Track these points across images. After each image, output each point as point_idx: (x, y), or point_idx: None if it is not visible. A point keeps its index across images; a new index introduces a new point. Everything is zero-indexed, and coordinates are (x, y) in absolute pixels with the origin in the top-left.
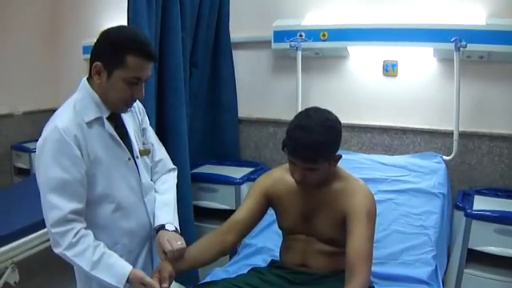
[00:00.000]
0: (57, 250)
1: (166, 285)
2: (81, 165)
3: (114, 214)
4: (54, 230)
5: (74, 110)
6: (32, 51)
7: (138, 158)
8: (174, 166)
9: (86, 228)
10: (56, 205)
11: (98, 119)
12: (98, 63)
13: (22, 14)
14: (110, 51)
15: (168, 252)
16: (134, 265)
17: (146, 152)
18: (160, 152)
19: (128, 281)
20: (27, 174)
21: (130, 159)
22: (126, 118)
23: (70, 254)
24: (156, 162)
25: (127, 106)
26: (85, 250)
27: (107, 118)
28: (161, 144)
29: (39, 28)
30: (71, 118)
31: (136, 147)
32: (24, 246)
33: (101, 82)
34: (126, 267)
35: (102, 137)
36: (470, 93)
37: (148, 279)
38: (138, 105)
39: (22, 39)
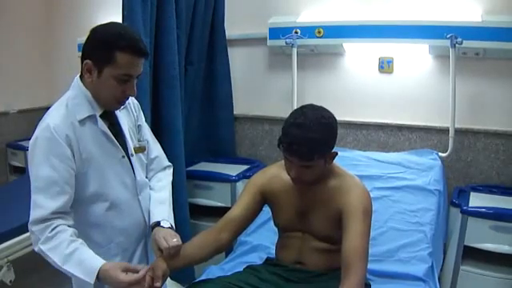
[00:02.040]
0: (36, 248)
1: (158, 284)
2: (70, 164)
3: (107, 213)
4: (33, 228)
5: (67, 108)
6: (27, 49)
7: (132, 155)
8: (170, 164)
9: (69, 226)
10: (40, 204)
11: (91, 117)
12: (88, 61)
13: (17, 11)
14: (98, 49)
15: (164, 249)
16: (129, 262)
17: (141, 149)
18: (155, 149)
19: (98, 277)
20: (23, 172)
21: (124, 157)
22: (121, 115)
23: (45, 248)
24: (151, 159)
25: (119, 103)
26: (59, 244)
27: (101, 116)
28: (156, 141)
29: (34, 26)
30: (63, 117)
31: (131, 145)
32: (19, 244)
33: (92, 80)
34: (96, 262)
35: (95, 135)
36: (466, 89)
37: (120, 276)
38: (133, 101)
39: (17, 37)
